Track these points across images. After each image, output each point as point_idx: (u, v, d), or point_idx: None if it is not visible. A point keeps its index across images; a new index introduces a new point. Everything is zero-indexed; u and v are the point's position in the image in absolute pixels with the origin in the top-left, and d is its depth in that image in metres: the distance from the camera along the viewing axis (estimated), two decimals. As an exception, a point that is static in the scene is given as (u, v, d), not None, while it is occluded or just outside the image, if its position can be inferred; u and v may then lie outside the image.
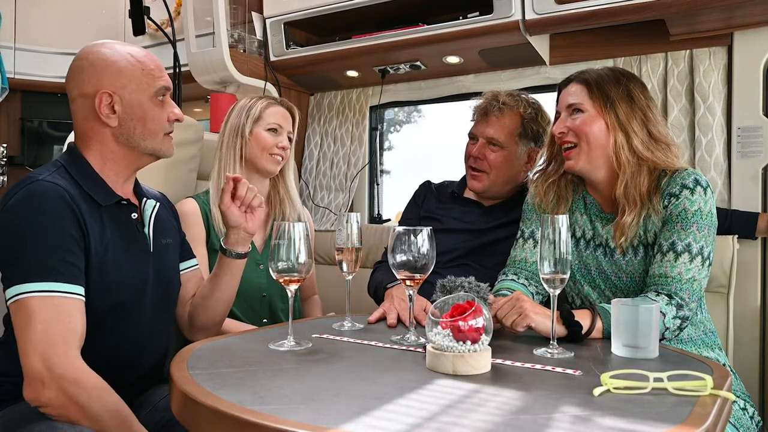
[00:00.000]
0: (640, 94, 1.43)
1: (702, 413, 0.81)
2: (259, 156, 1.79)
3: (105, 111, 1.26)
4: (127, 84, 1.27)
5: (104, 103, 1.26)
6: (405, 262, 1.17)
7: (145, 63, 1.30)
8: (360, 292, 1.74)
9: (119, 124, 1.27)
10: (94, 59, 1.27)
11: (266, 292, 1.80)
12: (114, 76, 1.26)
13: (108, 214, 1.27)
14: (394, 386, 0.92)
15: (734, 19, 1.87)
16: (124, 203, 1.31)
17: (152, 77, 1.30)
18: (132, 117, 1.28)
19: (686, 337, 1.42)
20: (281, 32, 2.54)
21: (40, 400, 1.08)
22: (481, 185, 1.81)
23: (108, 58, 1.27)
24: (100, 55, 1.28)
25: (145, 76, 1.29)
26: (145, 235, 1.34)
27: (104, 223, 1.25)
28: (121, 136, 1.29)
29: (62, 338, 1.10)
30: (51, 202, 1.16)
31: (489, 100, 1.81)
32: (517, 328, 1.22)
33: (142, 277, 1.31)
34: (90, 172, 1.28)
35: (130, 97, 1.27)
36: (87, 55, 1.28)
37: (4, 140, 3.43)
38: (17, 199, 1.16)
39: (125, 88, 1.27)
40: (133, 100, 1.27)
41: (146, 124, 1.29)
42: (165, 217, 1.45)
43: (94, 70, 1.26)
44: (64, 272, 1.13)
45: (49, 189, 1.17)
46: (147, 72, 1.29)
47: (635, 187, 1.39)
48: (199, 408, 0.84)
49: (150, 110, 1.29)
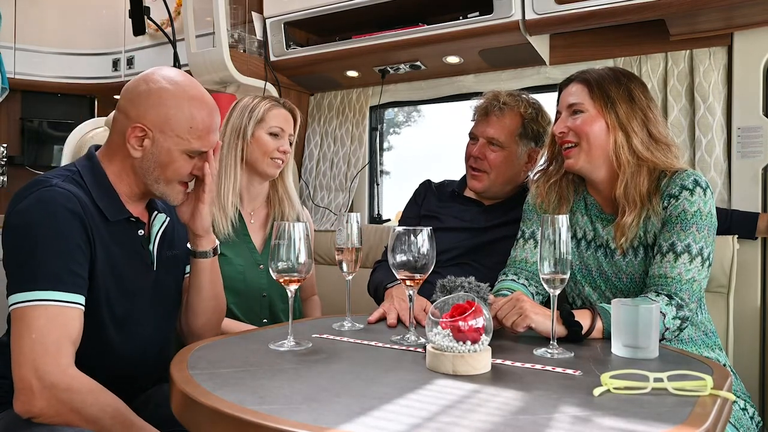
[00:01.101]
0: (641, 95, 1.43)
1: (702, 413, 0.81)
2: (260, 159, 1.79)
3: (133, 142, 1.24)
4: (167, 131, 1.24)
5: (136, 134, 1.24)
6: (405, 262, 1.17)
7: (196, 121, 1.26)
8: (360, 292, 1.74)
9: (142, 158, 1.26)
10: (155, 89, 1.24)
11: (266, 292, 1.80)
12: (161, 118, 1.24)
13: (115, 228, 1.26)
14: (394, 386, 0.92)
15: (734, 19, 1.87)
16: (133, 220, 1.31)
17: (197, 139, 1.26)
18: (155, 159, 1.26)
19: (686, 337, 1.42)
20: (281, 32, 2.54)
21: (31, 411, 1.08)
22: (481, 185, 1.81)
23: (166, 98, 1.24)
24: (161, 89, 1.24)
25: (191, 135, 1.26)
26: (150, 252, 1.34)
27: (109, 236, 1.25)
28: (139, 168, 1.27)
29: (56, 347, 1.09)
30: (61, 210, 1.15)
31: (489, 100, 1.81)
32: (518, 328, 1.22)
33: (144, 290, 1.31)
34: (105, 183, 1.27)
35: (164, 143, 1.25)
36: (152, 80, 1.26)
37: (4, 140, 3.43)
38: (29, 202, 1.15)
39: (164, 133, 1.24)
40: (163, 146, 1.25)
41: (166, 171, 1.27)
42: (175, 229, 1.43)
43: (147, 99, 1.24)
44: (67, 281, 1.13)
45: (61, 196, 1.16)
46: (194, 132, 1.26)
47: (635, 188, 1.39)
48: (199, 408, 0.84)
49: (176, 160, 1.27)
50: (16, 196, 1.19)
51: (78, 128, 2.46)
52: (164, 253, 1.38)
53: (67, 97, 3.49)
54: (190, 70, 2.48)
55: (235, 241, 1.78)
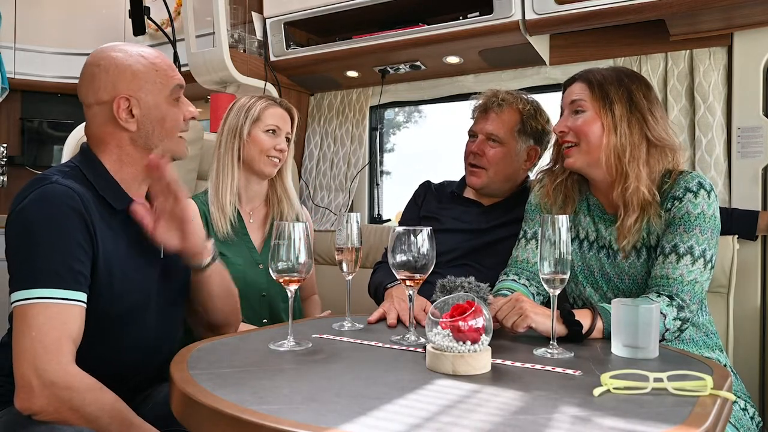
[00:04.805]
0: (642, 96, 1.41)
1: (702, 413, 0.81)
2: (257, 158, 1.79)
3: (124, 116, 1.25)
4: (143, 86, 1.26)
5: (122, 108, 1.25)
6: (405, 262, 1.17)
7: (157, 64, 1.29)
8: (360, 292, 1.74)
9: (138, 128, 1.27)
10: (107, 65, 1.26)
11: (266, 292, 1.80)
12: (130, 80, 1.25)
13: (120, 219, 1.26)
14: (394, 386, 0.92)
15: (734, 19, 1.87)
16: None
17: (166, 77, 1.29)
18: (150, 119, 1.27)
19: (687, 337, 1.42)
20: (281, 32, 2.54)
21: (31, 409, 1.08)
22: (480, 181, 1.82)
23: (121, 63, 1.26)
24: (112, 60, 1.27)
25: (160, 76, 1.28)
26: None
27: (115, 228, 1.24)
28: (139, 139, 1.28)
29: (56, 345, 1.09)
30: (61, 207, 1.15)
31: (488, 97, 1.83)
32: (518, 329, 1.22)
33: (150, 283, 1.31)
34: (105, 175, 1.27)
35: (147, 99, 1.27)
36: (99, 61, 1.27)
37: (4, 140, 3.43)
38: (31, 200, 1.15)
39: (141, 90, 1.26)
40: (150, 102, 1.27)
41: (164, 124, 1.29)
42: None
43: (108, 75, 1.25)
44: (67, 279, 1.13)
45: (60, 192, 1.16)
46: (161, 72, 1.29)
47: (633, 190, 1.38)
48: (199, 408, 0.84)
49: (167, 110, 1.29)
50: (17, 195, 1.20)
51: (78, 128, 2.44)
52: None
53: (67, 97, 3.49)
54: (190, 70, 2.48)
55: (234, 241, 1.78)
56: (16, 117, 3.48)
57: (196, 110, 1.36)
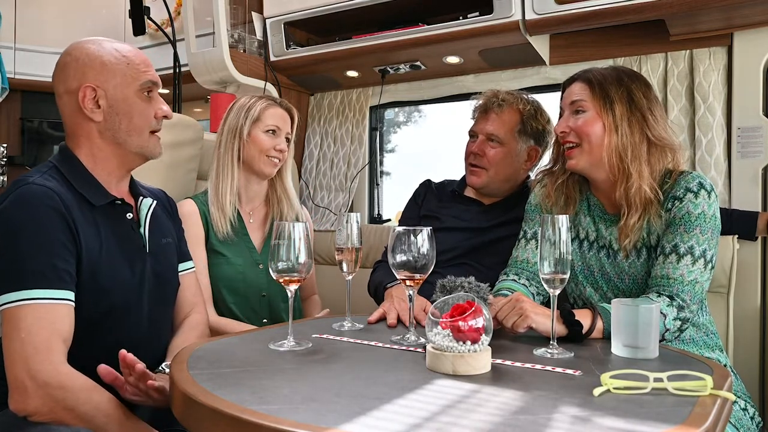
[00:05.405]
0: (642, 96, 1.41)
1: (702, 413, 0.81)
2: (257, 158, 1.79)
3: (89, 105, 1.25)
4: (111, 78, 1.26)
5: (88, 97, 1.25)
6: (405, 262, 1.17)
7: (130, 58, 1.29)
8: (360, 292, 1.74)
9: (104, 119, 1.26)
10: (78, 54, 1.27)
11: (266, 292, 1.80)
12: (98, 70, 1.25)
13: (102, 215, 1.26)
14: (394, 386, 0.92)
15: (734, 19, 1.87)
16: (119, 203, 1.30)
17: (138, 71, 1.29)
18: (117, 112, 1.27)
19: (687, 337, 1.42)
20: (281, 32, 2.54)
21: (26, 410, 1.08)
22: (480, 180, 1.82)
23: (93, 53, 1.27)
24: (84, 51, 1.27)
25: (131, 70, 1.28)
26: (141, 235, 1.33)
27: (98, 225, 1.24)
28: (106, 131, 1.27)
29: (46, 345, 1.09)
30: (40, 207, 1.15)
31: (488, 97, 1.83)
32: (518, 329, 1.22)
33: (138, 278, 1.30)
34: (82, 171, 1.26)
35: (115, 91, 1.26)
36: (72, 51, 1.28)
37: (4, 140, 3.43)
38: (10, 201, 1.15)
39: (109, 82, 1.26)
40: (117, 95, 1.26)
41: (132, 119, 1.28)
42: (163, 216, 1.44)
43: (78, 65, 1.26)
44: (52, 278, 1.13)
45: (38, 192, 1.16)
46: (132, 66, 1.28)
47: (635, 190, 1.38)
48: (199, 408, 0.84)
49: (136, 105, 1.28)
50: (0, 196, 1.19)
51: (78, 128, 2.46)
52: (158, 239, 1.37)
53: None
54: (190, 70, 2.48)
55: (234, 241, 1.78)
56: (16, 117, 3.47)
57: (169, 109, 1.35)
